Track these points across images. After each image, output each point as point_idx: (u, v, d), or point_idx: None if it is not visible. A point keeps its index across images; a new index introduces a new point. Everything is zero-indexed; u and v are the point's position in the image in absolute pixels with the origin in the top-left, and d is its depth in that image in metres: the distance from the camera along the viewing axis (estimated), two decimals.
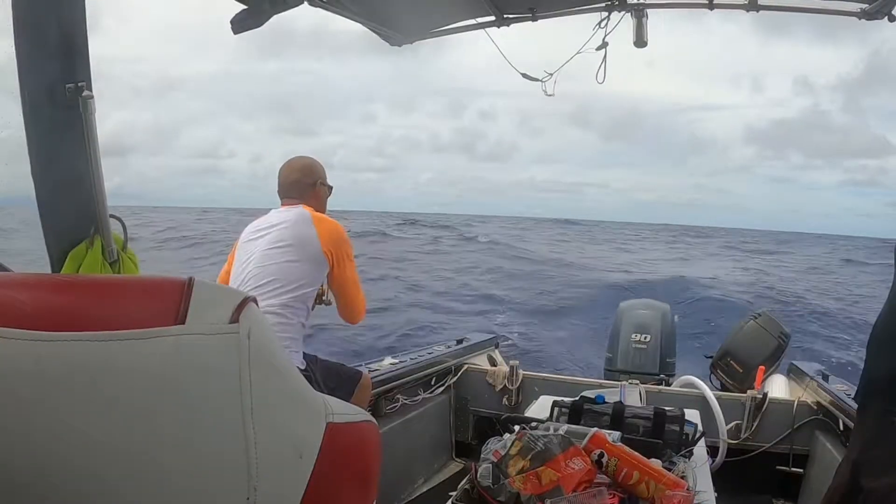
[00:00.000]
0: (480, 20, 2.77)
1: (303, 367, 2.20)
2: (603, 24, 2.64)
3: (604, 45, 2.68)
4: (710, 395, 3.26)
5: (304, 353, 2.25)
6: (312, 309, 2.42)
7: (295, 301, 2.16)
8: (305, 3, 2.21)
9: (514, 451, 1.58)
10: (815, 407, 3.16)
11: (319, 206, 2.35)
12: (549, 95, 2.88)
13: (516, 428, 1.76)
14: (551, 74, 2.82)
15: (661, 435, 2.03)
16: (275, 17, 1.96)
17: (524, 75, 2.85)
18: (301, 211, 2.25)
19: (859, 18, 2.41)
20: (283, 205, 2.32)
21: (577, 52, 2.72)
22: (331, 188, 2.41)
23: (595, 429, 1.73)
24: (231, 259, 2.34)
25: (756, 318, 3.94)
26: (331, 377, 2.33)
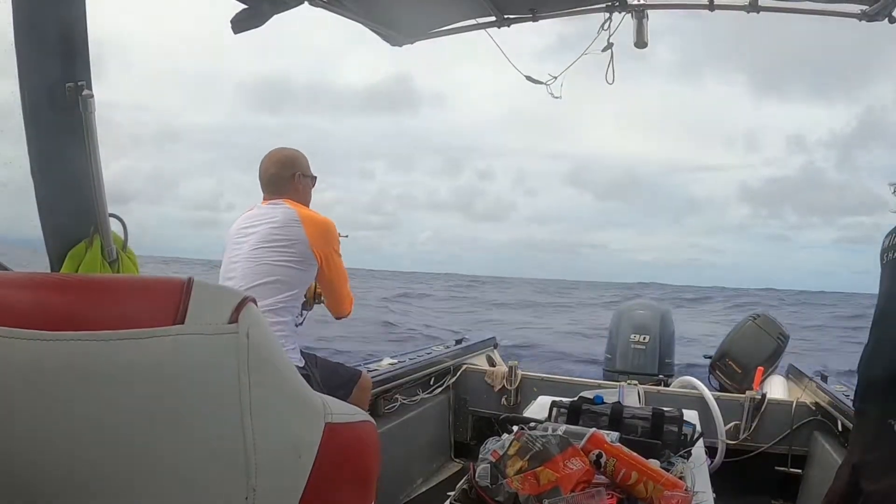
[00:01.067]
0: (481, 20, 2.77)
1: (301, 366, 2.20)
2: (606, 26, 2.65)
3: (609, 46, 2.68)
4: (708, 395, 3.26)
5: (301, 351, 2.25)
6: (310, 308, 2.42)
7: (287, 300, 2.16)
8: (306, 3, 2.21)
9: (512, 451, 1.58)
10: (814, 408, 3.16)
11: (302, 199, 2.31)
12: (557, 98, 2.88)
13: (515, 428, 1.76)
14: (555, 77, 2.82)
15: (659, 435, 2.03)
16: (274, 17, 1.97)
17: (528, 78, 2.85)
18: (287, 209, 2.22)
19: (860, 20, 2.41)
20: (264, 200, 2.29)
21: (582, 55, 2.72)
22: (314, 179, 2.37)
23: (593, 429, 1.73)
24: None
25: (755, 319, 3.95)
26: (330, 377, 2.32)
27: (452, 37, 2.85)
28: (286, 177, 2.28)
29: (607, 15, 2.64)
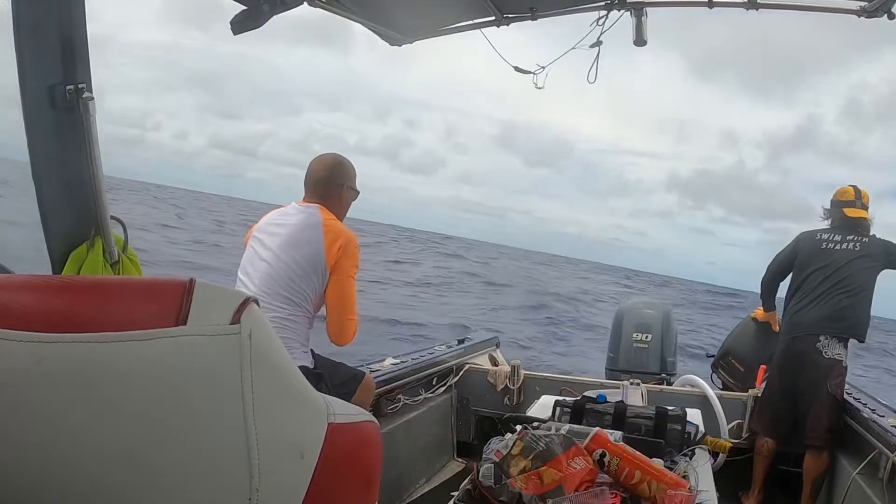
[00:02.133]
0: (480, 20, 2.77)
1: (312, 367, 2.20)
2: (601, 23, 2.64)
3: (598, 43, 2.67)
4: (711, 394, 3.26)
5: (311, 350, 2.26)
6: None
7: (304, 302, 2.15)
8: (305, 3, 2.21)
9: (515, 450, 1.58)
10: None
11: (341, 210, 2.29)
12: (539, 88, 2.88)
13: (518, 428, 1.76)
14: (543, 68, 2.81)
15: (662, 434, 2.03)
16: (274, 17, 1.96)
17: (516, 68, 2.84)
18: (314, 213, 2.19)
19: (859, 16, 2.41)
20: (303, 200, 2.26)
21: (572, 48, 2.71)
22: (357, 193, 2.34)
23: (597, 428, 1.73)
24: (246, 243, 2.30)
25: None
26: (332, 376, 2.32)
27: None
28: (336, 184, 2.26)
29: (598, 13, 2.63)
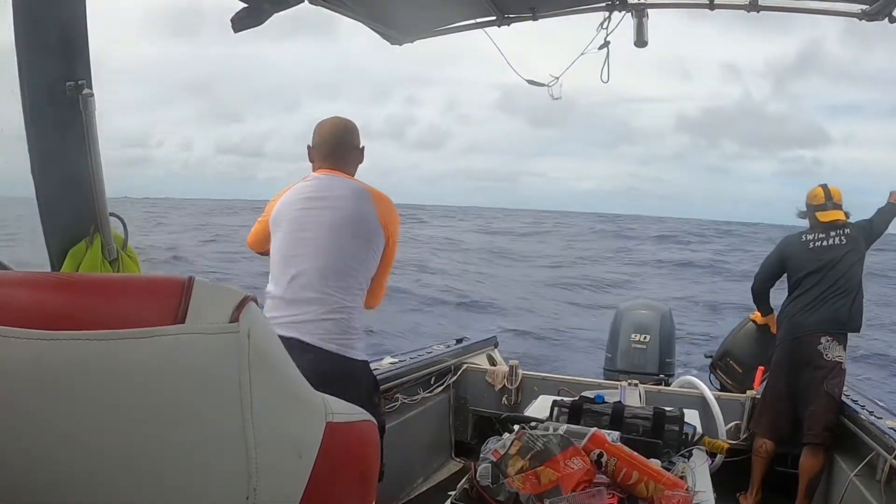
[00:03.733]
0: (481, 20, 2.77)
1: (362, 359, 2.03)
2: (605, 25, 2.65)
3: (606, 44, 2.69)
4: (709, 395, 3.26)
5: None
6: None
7: (363, 285, 2.02)
8: (306, 1, 2.21)
9: (513, 450, 1.58)
10: None
11: (354, 172, 2.17)
12: (556, 99, 2.89)
13: (516, 427, 1.76)
14: (557, 78, 2.82)
15: (660, 435, 2.03)
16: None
17: (530, 82, 2.86)
18: (358, 187, 2.05)
19: (860, 19, 2.42)
20: (321, 169, 2.11)
21: (581, 54, 2.72)
22: (363, 148, 2.21)
23: (594, 429, 1.73)
24: (266, 220, 2.09)
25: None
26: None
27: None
28: (348, 147, 2.14)
29: (604, 14, 2.64)
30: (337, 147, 2.11)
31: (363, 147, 2.18)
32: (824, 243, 3.22)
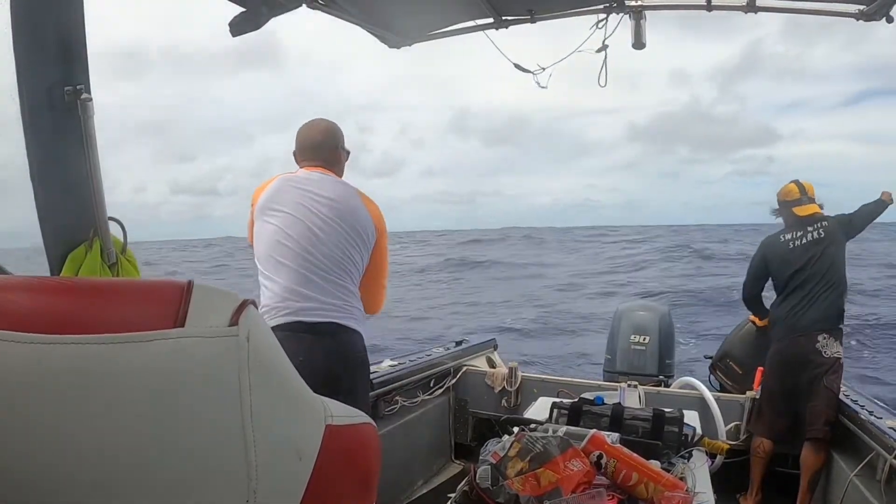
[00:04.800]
0: (478, 22, 2.78)
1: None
2: (601, 26, 2.65)
3: (604, 47, 2.68)
4: (708, 396, 3.26)
5: None
6: None
7: (358, 276, 2.09)
8: (304, 5, 2.21)
9: (512, 452, 1.58)
10: None
11: (341, 172, 2.22)
12: (543, 88, 2.89)
13: (515, 429, 1.76)
14: (544, 69, 2.82)
15: (660, 436, 2.03)
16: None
17: (517, 66, 2.85)
18: (350, 186, 2.11)
19: (857, 20, 2.43)
20: (307, 167, 2.13)
21: (574, 51, 2.72)
22: (349, 153, 2.25)
23: (594, 430, 1.73)
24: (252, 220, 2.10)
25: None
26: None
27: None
28: (332, 146, 2.17)
29: (597, 17, 2.64)
30: (318, 148, 2.14)
31: (342, 146, 2.20)
32: (804, 240, 3.24)
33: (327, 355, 1.96)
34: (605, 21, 2.64)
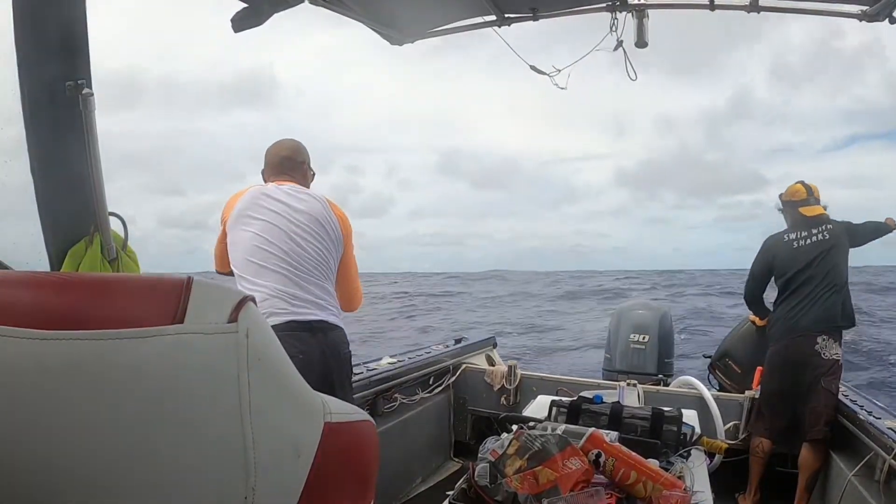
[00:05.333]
0: (481, 20, 2.77)
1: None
2: (614, 28, 2.65)
3: (619, 44, 2.69)
4: (707, 395, 3.26)
5: None
6: None
7: (333, 276, 2.22)
8: (306, 1, 2.21)
9: (511, 450, 1.58)
10: None
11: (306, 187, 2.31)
12: (562, 89, 2.89)
13: (514, 427, 1.76)
14: (560, 70, 2.82)
15: (658, 435, 2.03)
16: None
17: (532, 67, 2.85)
18: (320, 195, 2.23)
19: (860, 20, 2.42)
20: (277, 181, 2.22)
21: (591, 51, 2.72)
22: (314, 173, 2.37)
23: (592, 429, 1.73)
24: (223, 233, 2.16)
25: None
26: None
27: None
28: (297, 162, 2.29)
29: (611, 15, 2.64)
30: (283, 161, 2.26)
31: (308, 164, 2.33)
32: (808, 241, 3.22)
33: (323, 352, 2.06)
34: (614, 20, 2.65)
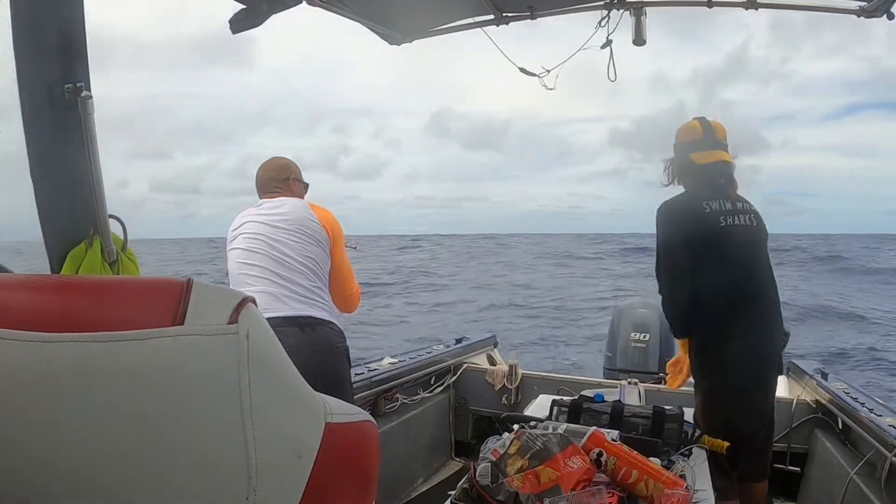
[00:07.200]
0: (479, 19, 2.77)
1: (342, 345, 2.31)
2: (604, 24, 2.65)
3: (608, 43, 2.69)
4: None
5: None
6: None
7: (325, 282, 2.30)
8: (304, 2, 2.21)
9: (512, 450, 1.58)
10: (814, 405, 3.16)
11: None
12: (550, 90, 2.89)
13: (515, 427, 1.76)
14: (549, 71, 2.82)
15: (660, 434, 2.04)
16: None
17: (522, 70, 2.85)
18: (298, 199, 2.36)
19: (858, 16, 2.42)
20: (265, 199, 2.39)
21: (579, 50, 2.72)
22: (306, 185, 2.50)
23: (594, 428, 1.73)
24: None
25: None
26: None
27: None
28: (281, 179, 2.43)
29: (603, 13, 2.64)
30: (268, 182, 2.42)
31: (294, 178, 2.46)
32: (737, 220, 2.28)
33: (315, 347, 2.13)
34: (607, 18, 2.65)
